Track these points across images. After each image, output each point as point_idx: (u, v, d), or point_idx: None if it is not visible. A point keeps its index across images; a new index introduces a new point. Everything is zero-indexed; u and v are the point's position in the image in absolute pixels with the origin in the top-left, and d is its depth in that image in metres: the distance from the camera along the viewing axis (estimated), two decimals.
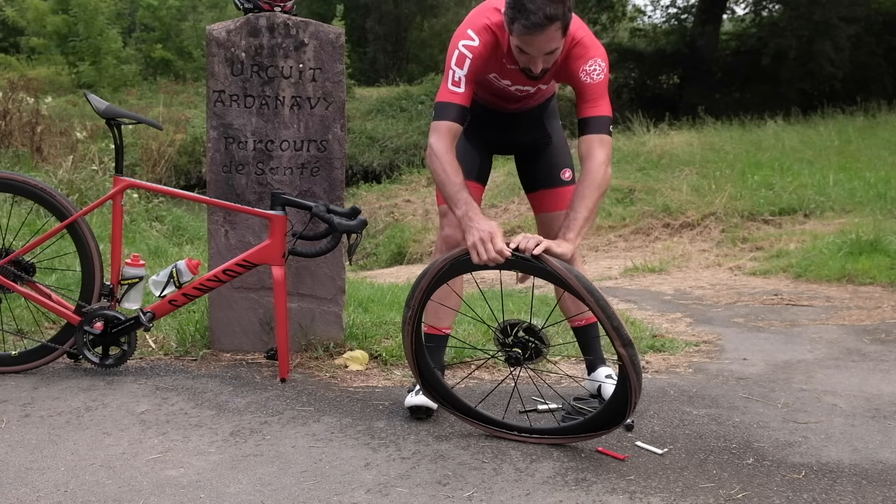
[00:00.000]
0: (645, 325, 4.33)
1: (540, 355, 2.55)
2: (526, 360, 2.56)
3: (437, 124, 2.58)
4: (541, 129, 2.95)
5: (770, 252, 6.86)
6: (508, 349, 2.56)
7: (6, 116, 7.86)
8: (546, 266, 2.34)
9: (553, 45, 2.46)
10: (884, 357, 3.69)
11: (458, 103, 2.57)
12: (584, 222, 2.49)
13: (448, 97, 2.58)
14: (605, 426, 2.49)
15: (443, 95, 2.59)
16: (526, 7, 2.37)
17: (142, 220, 6.83)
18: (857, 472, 2.41)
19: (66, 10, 18.28)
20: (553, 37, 2.43)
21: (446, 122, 2.57)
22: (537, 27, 2.39)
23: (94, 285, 3.18)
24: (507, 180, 10.56)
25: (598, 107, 2.60)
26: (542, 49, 2.46)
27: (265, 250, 3.14)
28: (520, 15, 2.39)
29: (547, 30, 2.40)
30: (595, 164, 2.53)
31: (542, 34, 2.41)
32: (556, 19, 2.38)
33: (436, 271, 2.49)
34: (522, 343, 2.55)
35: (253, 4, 3.38)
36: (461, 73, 2.56)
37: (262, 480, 2.31)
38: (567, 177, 2.93)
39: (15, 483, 2.27)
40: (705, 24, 19.64)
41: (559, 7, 2.38)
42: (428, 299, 2.56)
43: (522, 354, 2.55)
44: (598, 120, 2.59)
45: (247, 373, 3.28)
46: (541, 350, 2.54)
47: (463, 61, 2.56)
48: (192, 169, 13.11)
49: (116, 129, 3.18)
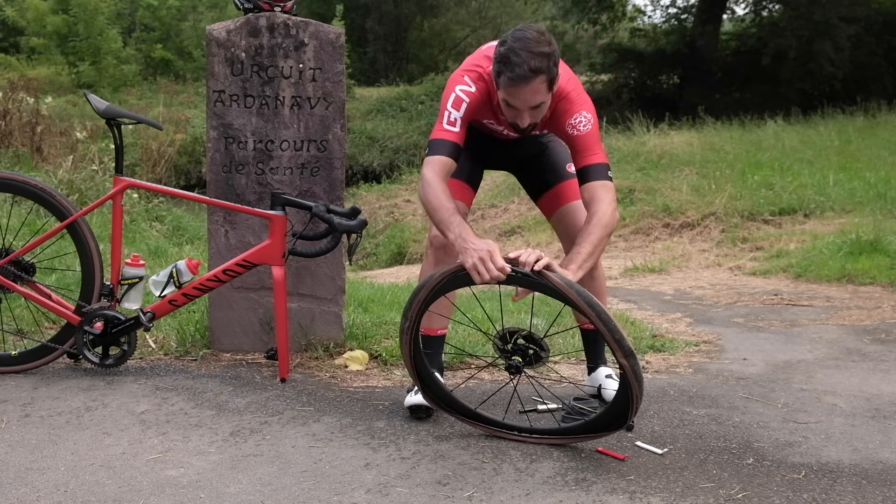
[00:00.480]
0: (645, 325, 4.33)
1: (539, 361, 2.55)
2: (525, 368, 2.55)
3: (430, 158, 2.61)
4: (535, 144, 2.97)
5: (770, 252, 6.86)
6: (508, 356, 2.55)
7: (6, 116, 7.86)
8: (546, 282, 2.34)
9: (538, 99, 2.48)
10: (884, 357, 3.69)
11: (452, 141, 2.60)
12: (588, 257, 2.46)
13: (443, 135, 2.61)
14: (605, 428, 2.49)
15: (437, 133, 2.63)
16: (511, 60, 2.41)
17: (142, 220, 6.83)
18: (857, 472, 2.41)
19: (66, 10, 18.30)
20: (538, 89, 2.45)
21: (440, 157, 2.60)
22: (522, 80, 2.42)
23: (94, 285, 3.18)
24: (507, 180, 10.56)
25: (595, 155, 2.60)
26: (527, 102, 2.48)
27: (265, 250, 3.14)
28: (505, 68, 2.43)
29: (532, 82, 2.43)
30: (603, 206, 2.53)
31: (526, 86, 2.43)
32: (540, 72, 2.42)
33: (434, 285, 2.49)
34: (522, 350, 2.54)
35: (253, 4, 3.38)
36: (457, 114, 2.60)
37: (262, 480, 2.31)
38: (572, 170, 2.88)
39: (15, 483, 2.27)
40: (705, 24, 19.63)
41: (544, 61, 2.41)
42: (425, 310, 2.57)
43: (522, 362, 2.54)
44: (597, 167, 2.59)
45: (247, 373, 3.28)
46: (540, 356, 2.54)
47: (459, 104, 2.60)
48: (192, 169, 13.12)
49: (116, 129, 3.18)
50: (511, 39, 2.44)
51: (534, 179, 2.99)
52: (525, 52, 2.40)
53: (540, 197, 2.99)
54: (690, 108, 15.72)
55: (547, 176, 2.94)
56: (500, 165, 3.09)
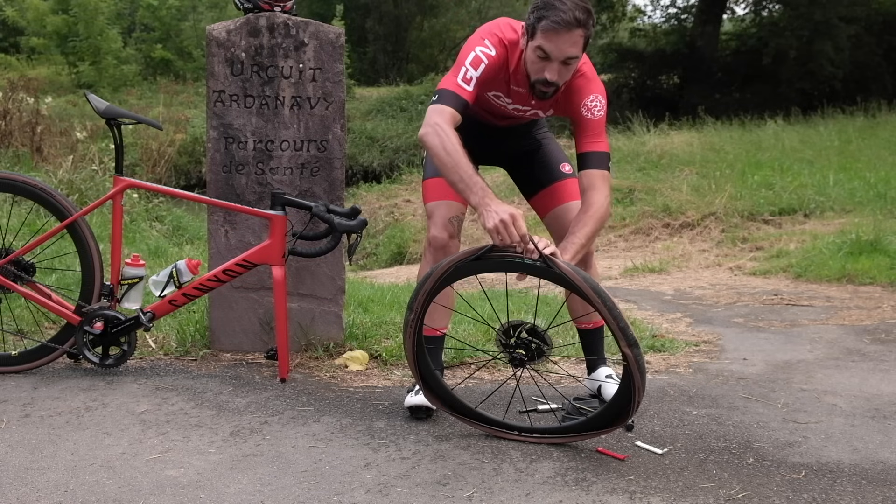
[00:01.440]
0: (645, 325, 4.33)
1: (542, 356, 2.55)
2: (529, 361, 2.56)
3: (440, 107, 2.48)
4: (529, 138, 2.95)
5: (770, 252, 6.86)
6: (511, 350, 2.56)
7: (6, 116, 7.86)
8: (554, 268, 2.34)
9: (573, 52, 2.47)
10: (884, 357, 3.69)
11: (464, 98, 2.52)
12: (581, 248, 2.48)
13: (456, 88, 2.52)
14: (606, 425, 2.50)
15: (450, 84, 2.53)
16: (556, 6, 2.41)
17: (142, 220, 6.83)
18: (857, 472, 2.41)
19: (66, 10, 18.30)
20: (576, 41, 2.45)
21: (451, 109, 2.49)
22: (566, 25, 2.41)
23: (94, 285, 3.18)
24: (507, 180, 10.48)
25: (599, 143, 2.61)
26: (563, 51, 2.46)
27: (265, 250, 3.14)
28: (549, 12, 2.42)
29: (574, 31, 2.43)
30: (600, 197, 2.55)
31: (568, 34, 2.43)
32: (583, 25, 2.43)
33: (440, 274, 2.48)
34: (525, 344, 2.55)
35: (253, 4, 3.38)
36: (474, 73, 2.54)
37: (262, 480, 2.31)
38: (567, 170, 2.89)
39: (15, 483, 2.27)
40: (705, 24, 19.64)
41: (588, 15, 2.43)
42: (431, 302, 2.56)
43: (525, 355, 2.55)
44: (600, 156, 2.59)
45: (247, 373, 3.28)
46: (543, 350, 2.54)
47: (478, 64, 2.55)
48: (192, 169, 13.11)
49: (116, 129, 3.18)
50: None
51: (527, 178, 2.97)
52: (571, 1, 2.41)
53: (533, 196, 2.98)
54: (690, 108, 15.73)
55: (541, 175, 2.93)
56: (493, 161, 3.05)
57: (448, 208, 2.77)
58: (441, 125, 2.45)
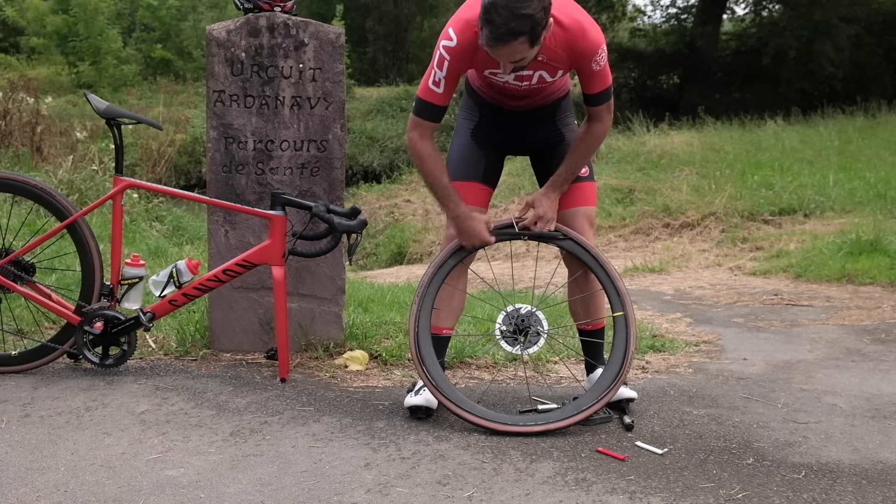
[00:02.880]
0: (645, 325, 4.33)
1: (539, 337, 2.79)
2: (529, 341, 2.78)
3: (419, 121, 2.73)
4: (552, 127, 2.92)
5: (770, 252, 6.86)
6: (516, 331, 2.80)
7: (6, 116, 7.85)
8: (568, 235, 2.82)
9: (518, 56, 2.47)
10: (884, 357, 3.69)
11: (437, 104, 2.68)
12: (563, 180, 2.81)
13: (428, 95, 2.68)
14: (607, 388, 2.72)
15: (423, 91, 2.69)
16: (492, 19, 2.38)
17: (142, 220, 6.83)
18: (857, 472, 2.41)
19: (66, 10, 18.27)
20: (517, 49, 2.43)
21: (428, 123, 2.72)
22: (500, 41, 2.40)
23: (94, 285, 3.18)
24: (508, 180, 10.56)
25: (604, 81, 2.69)
26: (507, 58, 2.48)
27: (265, 250, 3.14)
28: (486, 24, 2.41)
29: (511, 44, 2.41)
30: (602, 128, 2.76)
31: (506, 47, 2.42)
32: (521, 34, 2.38)
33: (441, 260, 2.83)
34: (526, 327, 2.79)
35: (253, 4, 3.38)
36: (440, 74, 2.63)
37: (262, 480, 2.31)
38: (583, 172, 2.88)
39: (15, 483, 2.27)
40: (705, 24, 19.62)
41: (525, 22, 2.36)
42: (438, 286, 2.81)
43: (525, 337, 2.78)
44: (605, 91, 2.72)
45: (247, 373, 3.28)
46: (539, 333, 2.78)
47: (442, 63, 2.61)
48: (192, 169, 13.10)
49: (116, 129, 3.18)
50: None
51: (544, 173, 2.96)
52: (507, 12, 2.35)
53: None
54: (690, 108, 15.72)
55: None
56: (518, 151, 3.10)
57: None
58: (416, 141, 2.75)
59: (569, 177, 2.80)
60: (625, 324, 2.77)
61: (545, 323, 2.81)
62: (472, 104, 2.92)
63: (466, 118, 2.93)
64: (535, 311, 2.79)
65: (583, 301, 2.94)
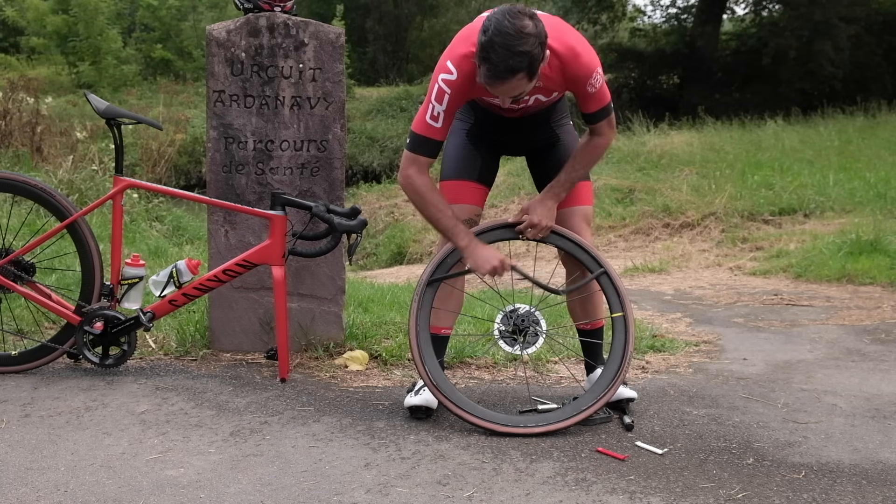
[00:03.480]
0: (645, 325, 4.33)
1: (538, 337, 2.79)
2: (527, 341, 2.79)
3: (415, 157, 2.68)
4: (547, 129, 2.93)
5: (770, 252, 6.86)
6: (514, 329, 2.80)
7: (6, 116, 7.85)
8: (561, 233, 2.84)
9: (518, 91, 2.48)
10: (884, 357, 3.69)
11: (435, 139, 2.65)
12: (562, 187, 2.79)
13: (426, 131, 2.64)
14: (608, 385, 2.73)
15: (420, 126, 2.65)
16: (490, 58, 2.38)
17: (142, 220, 6.83)
18: (857, 472, 2.41)
19: (66, 10, 18.28)
20: (517, 85, 2.45)
21: (425, 158, 2.68)
22: (499, 78, 2.41)
23: (94, 285, 3.18)
24: (507, 180, 10.56)
25: (602, 99, 2.69)
26: (507, 94, 2.50)
27: (265, 250, 3.14)
28: (484, 62, 2.41)
29: (510, 80, 2.42)
30: (604, 141, 2.77)
31: (505, 84, 2.43)
32: (519, 70, 2.39)
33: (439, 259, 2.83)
34: (525, 327, 2.79)
35: (253, 4, 3.38)
36: (440, 108, 2.60)
37: (262, 480, 2.31)
38: None
39: (15, 483, 2.27)
40: (705, 24, 19.61)
41: (523, 59, 2.38)
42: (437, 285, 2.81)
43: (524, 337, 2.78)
44: (604, 109, 2.71)
45: (247, 373, 3.28)
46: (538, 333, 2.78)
47: (442, 97, 2.59)
48: (192, 169, 13.11)
49: (116, 129, 3.18)
50: (493, 31, 2.38)
51: (542, 174, 2.97)
52: (504, 50, 2.36)
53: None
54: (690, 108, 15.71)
55: (552, 174, 2.91)
56: (513, 151, 3.10)
57: (461, 211, 2.82)
58: (417, 183, 2.69)
59: (567, 185, 2.79)
60: (624, 324, 2.77)
61: (544, 323, 2.81)
62: (467, 107, 2.91)
63: (461, 119, 2.92)
64: (534, 310, 2.79)
65: (581, 301, 2.94)
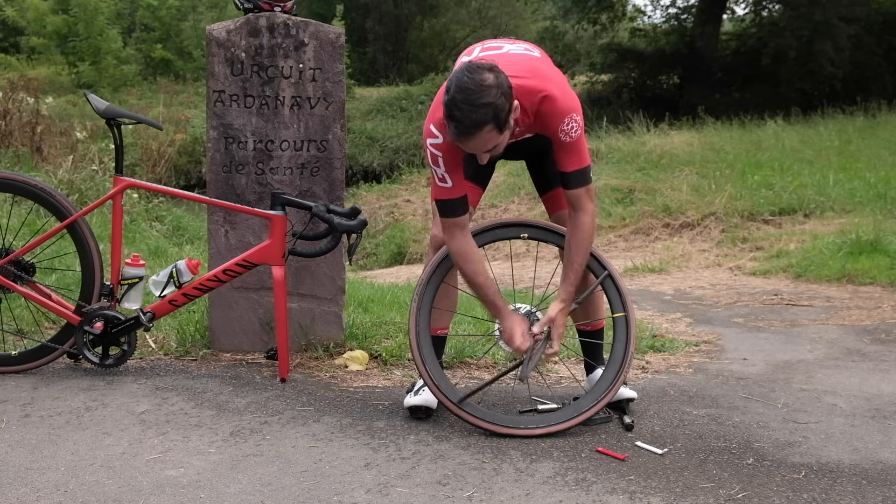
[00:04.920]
0: (645, 325, 4.32)
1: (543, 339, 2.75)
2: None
3: (450, 222, 2.65)
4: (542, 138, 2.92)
5: (770, 252, 6.86)
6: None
7: (6, 116, 7.85)
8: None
9: (490, 145, 2.45)
10: (884, 357, 3.69)
11: (456, 198, 2.62)
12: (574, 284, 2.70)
13: (444, 194, 2.63)
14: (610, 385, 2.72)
15: (436, 192, 2.64)
16: (454, 115, 2.37)
17: (142, 220, 6.83)
18: (857, 472, 2.41)
19: (66, 10, 18.27)
20: (487, 139, 2.41)
21: (458, 219, 2.64)
22: (467, 134, 2.39)
23: (94, 285, 3.18)
24: (507, 180, 10.56)
25: (581, 159, 2.60)
26: (478, 149, 2.47)
27: (265, 250, 3.14)
28: (450, 121, 2.40)
29: (478, 134, 2.39)
30: (586, 218, 2.65)
31: (474, 138, 2.41)
32: (484, 123, 2.36)
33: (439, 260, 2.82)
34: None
35: (253, 4, 3.38)
36: (441, 170, 2.60)
37: (262, 480, 2.31)
38: None
39: (15, 483, 2.27)
40: (705, 24, 19.61)
41: (487, 112, 2.34)
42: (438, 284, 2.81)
43: None
44: (582, 172, 2.61)
45: (247, 373, 3.28)
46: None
47: (437, 160, 2.59)
48: (192, 169, 13.10)
49: (116, 129, 3.18)
50: (455, 89, 2.36)
51: (540, 177, 2.98)
52: (467, 105, 2.33)
53: (543, 195, 3.01)
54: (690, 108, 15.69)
55: (551, 177, 2.92)
56: (512, 156, 3.05)
57: None
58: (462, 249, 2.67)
59: (575, 281, 2.70)
60: (625, 324, 2.77)
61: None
62: None
63: None
64: (535, 310, 2.79)
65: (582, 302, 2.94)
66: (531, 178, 3.05)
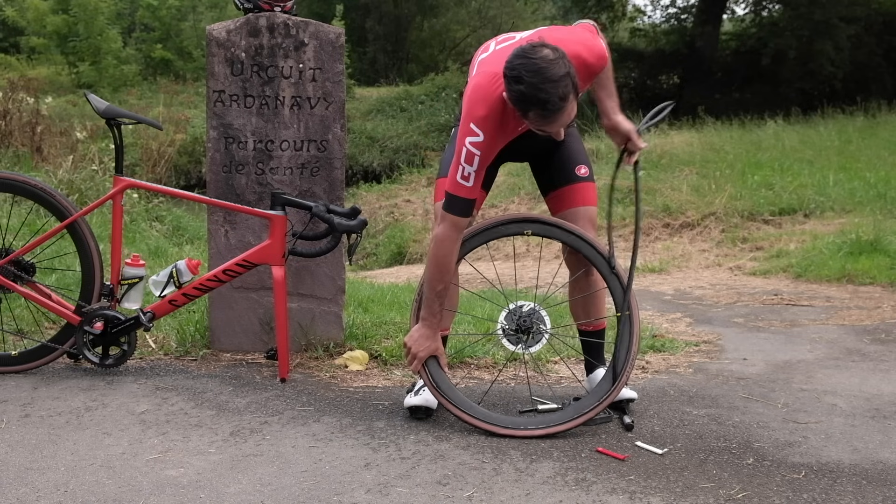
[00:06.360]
0: (645, 325, 4.32)
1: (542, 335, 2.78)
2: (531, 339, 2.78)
3: (454, 219, 2.63)
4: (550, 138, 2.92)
5: (770, 252, 6.86)
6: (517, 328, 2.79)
7: (6, 116, 7.85)
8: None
9: (573, 114, 2.44)
10: (884, 357, 3.69)
11: (471, 198, 2.61)
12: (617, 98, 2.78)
13: (462, 192, 2.59)
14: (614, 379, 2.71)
15: (457, 189, 2.60)
16: (539, 98, 2.33)
17: (142, 220, 6.83)
18: (857, 472, 2.41)
19: (66, 10, 18.27)
20: (571, 109, 2.41)
21: (463, 219, 2.64)
22: (557, 111, 2.37)
23: (94, 285, 3.18)
24: (507, 180, 10.56)
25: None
26: (563, 123, 2.45)
27: (265, 250, 3.14)
28: (535, 106, 2.36)
29: (566, 108, 2.38)
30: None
31: (563, 113, 2.39)
32: (569, 94, 2.36)
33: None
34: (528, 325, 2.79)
35: (253, 4, 3.38)
36: (471, 168, 2.56)
37: (262, 480, 2.31)
38: (583, 173, 2.87)
39: (15, 483, 2.27)
40: (705, 24, 19.61)
41: (567, 81, 2.35)
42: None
43: (527, 336, 2.77)
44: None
45: (247, 373, 3.28)
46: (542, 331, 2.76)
47: (472, 158, 2.55)
48: (192, 169, 13.10)
49: (116, 129, 3.18)
50: (527, 74, 2.33)
51: (544, 176, 2.96)
52: (548, 83, 2.32)
53: (547, 195, 2.98)
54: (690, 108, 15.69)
55: (555, 177, 2.92)
56: (516, 158, 3.04)
57: None
58: (443, 240, 2.66)
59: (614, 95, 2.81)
60: (629, 325, 2.76)
61: (548, 321, 2.80)
62: None
63: None
64: (538, 308, 2.78)
65: (583, 301, 2.94)
66: (534, 178, 3.04)
